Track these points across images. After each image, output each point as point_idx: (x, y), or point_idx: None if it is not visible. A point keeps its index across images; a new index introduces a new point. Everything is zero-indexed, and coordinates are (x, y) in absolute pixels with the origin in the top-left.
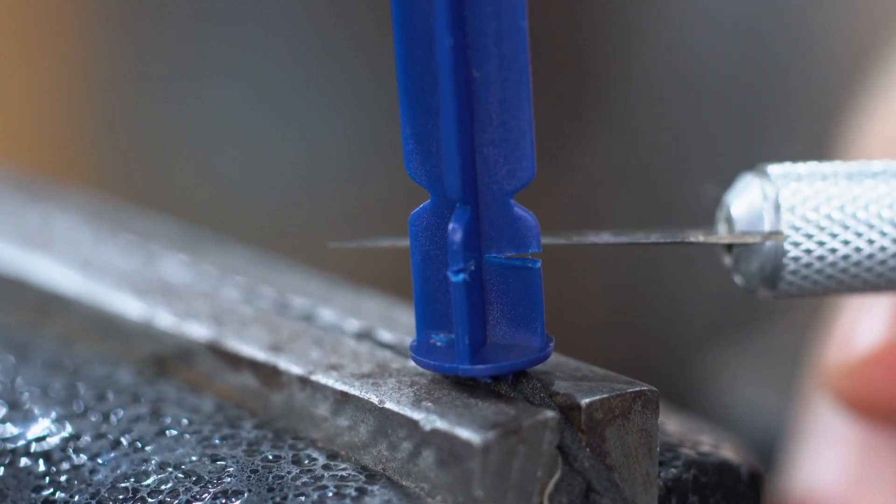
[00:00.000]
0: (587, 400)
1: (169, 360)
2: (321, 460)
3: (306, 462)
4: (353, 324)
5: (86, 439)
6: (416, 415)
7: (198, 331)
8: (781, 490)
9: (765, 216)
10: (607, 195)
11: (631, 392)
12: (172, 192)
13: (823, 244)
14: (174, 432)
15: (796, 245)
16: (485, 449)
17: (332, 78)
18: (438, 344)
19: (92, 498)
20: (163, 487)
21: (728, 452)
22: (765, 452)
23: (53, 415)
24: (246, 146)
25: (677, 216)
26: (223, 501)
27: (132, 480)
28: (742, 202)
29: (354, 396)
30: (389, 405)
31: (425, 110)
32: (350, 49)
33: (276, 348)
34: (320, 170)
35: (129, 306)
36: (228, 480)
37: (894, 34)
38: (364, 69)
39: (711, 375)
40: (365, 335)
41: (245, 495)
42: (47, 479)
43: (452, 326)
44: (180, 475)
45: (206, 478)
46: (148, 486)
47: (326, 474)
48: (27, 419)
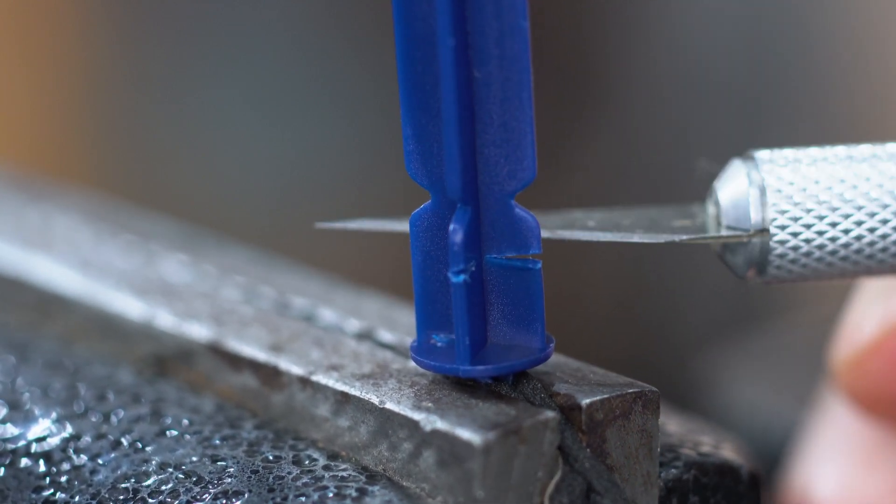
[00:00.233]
0: (588, 400)
1: (169, 361)
2: (322, 461)
3: (307, 462)
4: (354, 324)
5: (86, 440)
6: (417, 415)
7: (198, 331)
8: (784, 488)
9: (751, 202)
10: (607, 195)
11: (631, 392)
12: (172, 193)
13: (811, 227)
14: (175, 433)
15: (783, 228)
16: (485, 449)
17: (332, 78)
18: (439, 344)
19: (92, 498)
20: (163, 488)
21: (729, 453)
22: (765, 453)
23: (54, 415)
24: (246, 146)
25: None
26: (224, 502)
27: (133, 481)
28: (729, 188)
29: (355, 397)
30: (390, 406)
31: (426, 111)
32: (350, 49)
33: (277, 348)
34: (320, 170)
35: (130, 306)
36: (229, 481)
37: None
38: (364, 69)
39: (712, 375)
40: (365, 335)
41: (245, 496)
42: (48, 480)
43: (453, 327)
44: (181, 476)
45: (207, 478)
46: (148, 487)
47: (327, 475)
48: (27, 419)
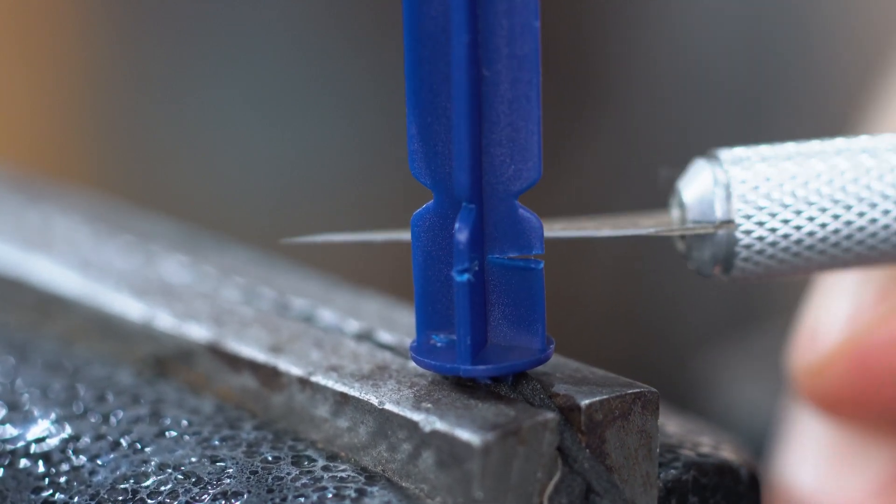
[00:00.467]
0: (587, 401)
1: (169, 361)
2: (321, 461)
3: (306, 463)
4: (353, 325)
5: (85, 440)
6: (416, 416)
7: (198, 332)
8: (767, 489)
9: (716, 202)
10: (607, 195)
11: (631, 393)
12: (172, 193)
13: (776, 230)
14: (174, 433)
15: (748, 233)
16: (485, 450)
17: (333, 78)
18: (438, 344)
19: (91, 499)
20: (162, 489)
21: (728, 453)
22: (765, 453)
23: (53, 416)
24: (246, 146)
25: None
26: (223, 502)
27: (132, 482)
28: (694, 188)
29: (354, 397)
30: (389, 406)
31: (432, 110)
32: (350, 49)
33: (276, 349)
34: (320, 170)
35: (129, 307)
36: (228, 482)
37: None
38: (364, 69)
39: (711, 376)
40: (365, 336)
41: (245, 496)
42: (47, 481)
43: (453, 327)
44: (180, 476)
45: (206, 479)
46: (147, 488)
47: (326, 475)
48: (27, 420)
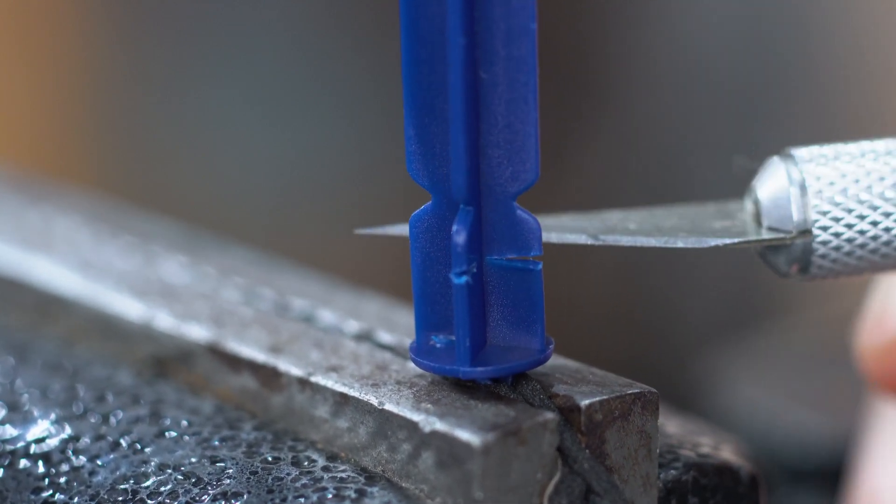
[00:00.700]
0: (587, 401)
1: (169, 362)
2: (321, 462)
3: (306, 464)
4: (353, 325)
5: (85, 441)
6: (416, 416)
7: (197, 332)
8: (849, 496)
9: (792, 201)
10: (607, 196)
11: (630, 393)
12: (172, 194)
13: (853, 227)
14: (174, 434)
15: (825, 229)
16: (484, 450)
17: (333, 78)
18: (438, 345)
19: (91, 499)
20: (162, 489)
21: (728, 454)
22: (765, 454)
23: (53, 416)
24: (246, 147)
25: None
26: (223, 503)
27: (132, 482)
28: (769, 186)
29: (354, 398)
30: (389, 407)
31: (430, 111)
32: (350, 49)
33: (276, 350)
34: (320, 171)
35: (129, 307)
36: (228, 482)
37: None
38: (364, 69)
39: (711, 376)
40: (364, 336)
41: (245, 497)
42: (47, 481)
43: (452, 328)
44: (180, 477)
45: (206, 479)
46: (147, 488)
47: (326, 476)
48: (27, 421)
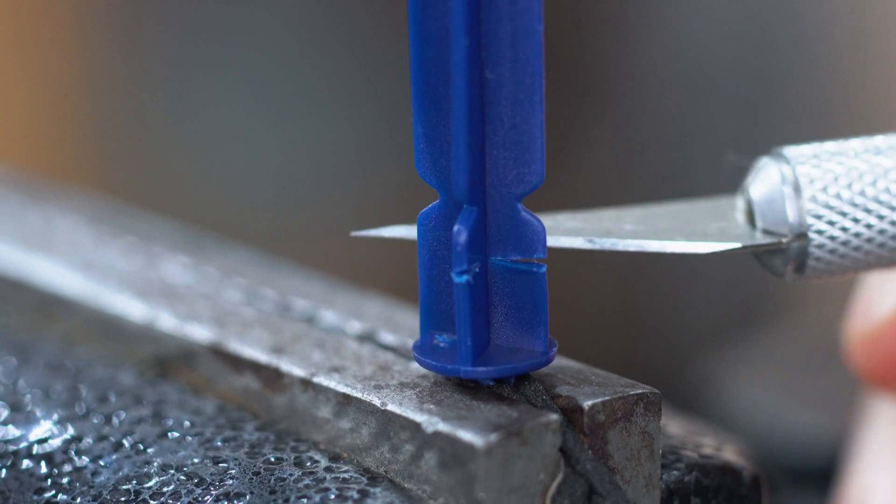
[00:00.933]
0: (589, 402)
1: (171, 362)
2: (323, 462)
3: (308, 464)
4: (355, 326)
5: (88, 441)
6: (419, 417)
7: (199, 333)
8: (839, 498)
9: (786, 203)
10: (606, 196)
11: (633, 394)
12: (174, 194)
13: (847, 230)
14: (176, 434)
15: (820, 233)
16: (487, 451)
17: (334, 79)
18: (441, 345)
19: (94, 500)
20: (165, 489)
21: (730, 455)
22: (767, 454)
23: (55, 417)
24: (247, 148)
25: None
26: (225, 503)
27: (134, 482)
28: (762, 187)
29: (356, 398)
30: (391, 407)
31: (437, 110)
32: (352, 49)
33: (278, 350)
34: (322, 171)
35: (131, 308)
36: (230, 482)
37: None
38: (367, 70)
39: (713, 377)
40: (367, 337)
41: (247, 497)
42: (49, 482)
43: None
44: (182, 477)
45: (208, 480)
46: (150, 489)
47: (328, 476)
48: (29, 421)
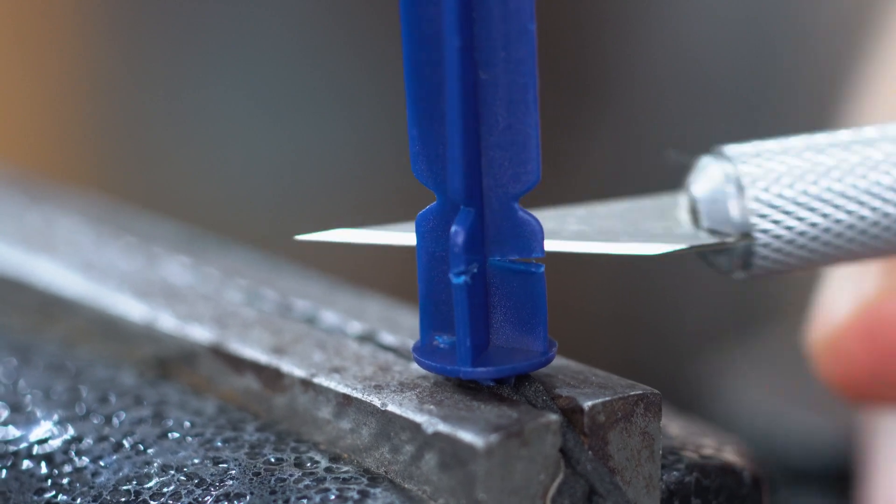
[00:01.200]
0: (590, 403)
1: (171, 363)
2: (323, 463)
3: (309, 465)
4: (356, 326)
5: (88, 442)
6: (419, 418)
7: (200, 333)
8: None
9: (730, 203)
10: (606, 196)
11: (633, 395)
12: (174, 195)
13: (792, 229)
14: (176, 435)
15: (765, 232)
16: (487, 452)
17: (335, 79)
18: (441, 346)
19: (94, 500)
20: (165, 490)
21: (731, 455)
22: (767, 455)
23: (55, 417)
24: (248, 148)
25: None
26: None
27: (134, 483)
28: (705, 186)
29: (357, 399)
30: (392, 408)
31: (432, 112)
32: (352, 49)
33: (279, 351)
34: (323, 172)
35: (132, 308)
36: (231, 483)
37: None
38: (367, 70)
39: (714, 378)
40: (367, 338)
41: (247, 498)
42: (49, 482)
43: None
44: (182, 478)
45: (209, 480)
46: (150, 489)
47: (329, 477)
48: (29, 422)
